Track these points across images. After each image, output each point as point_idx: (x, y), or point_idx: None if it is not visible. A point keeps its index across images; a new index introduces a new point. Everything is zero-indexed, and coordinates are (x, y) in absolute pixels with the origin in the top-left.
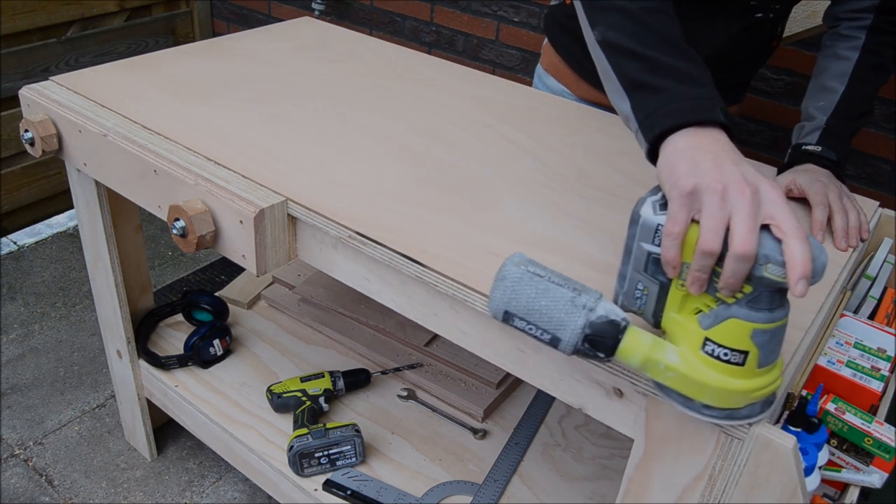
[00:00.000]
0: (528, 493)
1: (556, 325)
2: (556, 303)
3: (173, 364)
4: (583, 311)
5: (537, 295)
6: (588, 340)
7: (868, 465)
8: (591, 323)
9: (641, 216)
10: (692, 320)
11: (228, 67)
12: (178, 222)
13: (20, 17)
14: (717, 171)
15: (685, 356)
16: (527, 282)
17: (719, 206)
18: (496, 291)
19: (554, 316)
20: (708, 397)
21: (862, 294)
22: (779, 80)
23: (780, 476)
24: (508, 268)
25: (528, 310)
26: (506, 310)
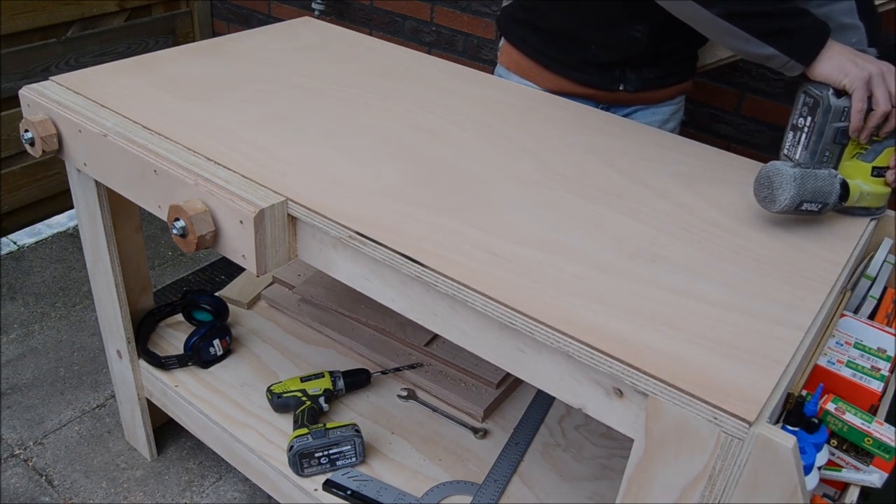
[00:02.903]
0: (528, 493)
1: (827, 196)
2: (826, 181)
3: (173, 364)
4: (837, 180)
5: (815, 181)
6: (839, 197)
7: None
8: (841, 184)
9: (833, 105)
10: (856, 161)
11: (228, 67)
12: (178, 222)
13: (20, 17)
14: (867, 63)
15: (868, 182)
16: (807, 175)
17: (881, 84)
18: (790, 190)
19: (826, 190)
20: (880, 202)
21: (862, 294)
22: (779, 80)
23: (780, 476)
24: (789, 171)
25: (815, 192)
26: (791, 203)
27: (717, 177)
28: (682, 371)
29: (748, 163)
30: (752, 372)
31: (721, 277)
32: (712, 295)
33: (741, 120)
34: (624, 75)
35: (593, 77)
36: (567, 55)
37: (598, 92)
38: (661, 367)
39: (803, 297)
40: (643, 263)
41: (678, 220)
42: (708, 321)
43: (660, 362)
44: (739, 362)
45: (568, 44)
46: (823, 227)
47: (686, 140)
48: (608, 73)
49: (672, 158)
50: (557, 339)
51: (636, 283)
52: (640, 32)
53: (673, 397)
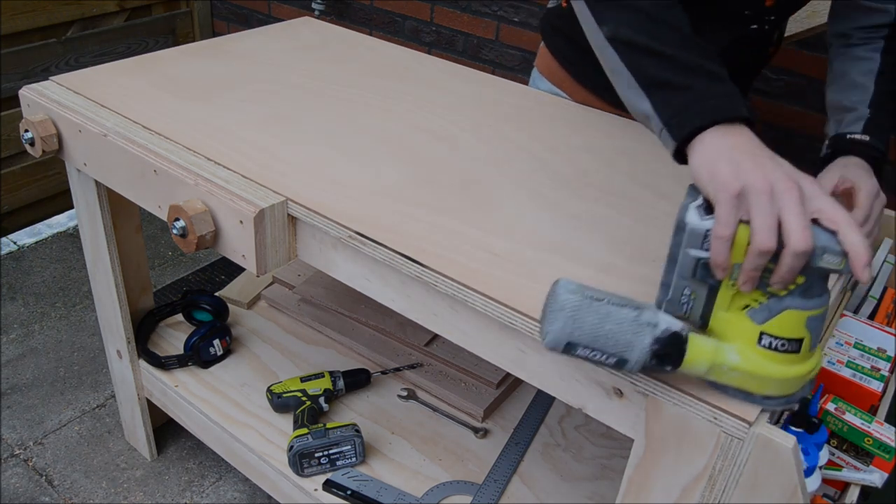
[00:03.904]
0: (528, 493)
1: (622, 348)
2: (620, 325)
3: (173, 364)
4: (648, 329)
5: (601, 320)
6: (655, 356)
7: (868, 466)
8: (657, 339)
9: (688, 224)
10: (742, 317)
11: (228, 67)
12: (178, 222)
13: (20, 17)
14: (759, 169)
15: (744, 353)
16: (587, 308)
17: (769, 205)
18: (555, 324)
19: (620, 339)
20: (770, 388)
21: (862, 294)
22: (779, 81)
23: (780, 476)
24: (565, 297)
25: (593, 337)
26: (569, 341)
27: None
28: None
29: None
30: None
31: None
32: None
33: None
34: None
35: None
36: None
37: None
38: None
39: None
40: (643, 263)
41: None
42: None
43: None
44: None
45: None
46: None
47: None
48: None
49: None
50: None
51: (636, 284)
52: None
53: (673, 397)
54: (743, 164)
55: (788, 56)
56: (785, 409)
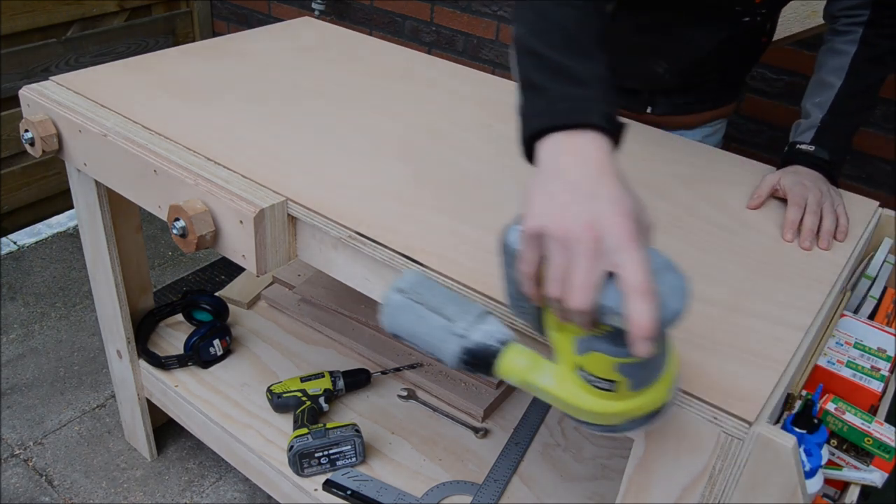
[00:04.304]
0: (528, 493)
1: (434, 350)
2: (431, 330)
3: (173, 364)
4: (455, 339)
5: (415, 323)
6: (465, 364)
7: (868, 465)
8: (465, 349)
9: (506, 245)
10: (570, 340)
11: (229, 67)
12: (178, 222)
13: (20, 17)
14: (566, 211)
15: (561, 378)
16: (405, 309)
17: (561, 255)
18: (382, 315)
19: (431, 342)
20: (584, 417)
21: (862, 294)
22: (779, 80)
23: (780, 476)
24: (391, 295)
25: (410, 334)
26: (392, 332)
27: (717, 177)
28: (682, 371)
29: (748, 163)
30: (752, 372)
31: (721, 277)
32: (712, 295)
33: (741, 120)
34: (653, 99)
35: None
36: None
37: (625, 112)
38: None
39: (803, 297)
40: None
41: (678, 220)
42: (708, 321)
43: None
44: (739, 362)
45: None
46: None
47: (686, 140)
48: (636, 96)
49: (672, 158)
50: None
51: None
52: (661, 68)
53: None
54: (555, 197)
55: (788, 56)
56: (606, 434)
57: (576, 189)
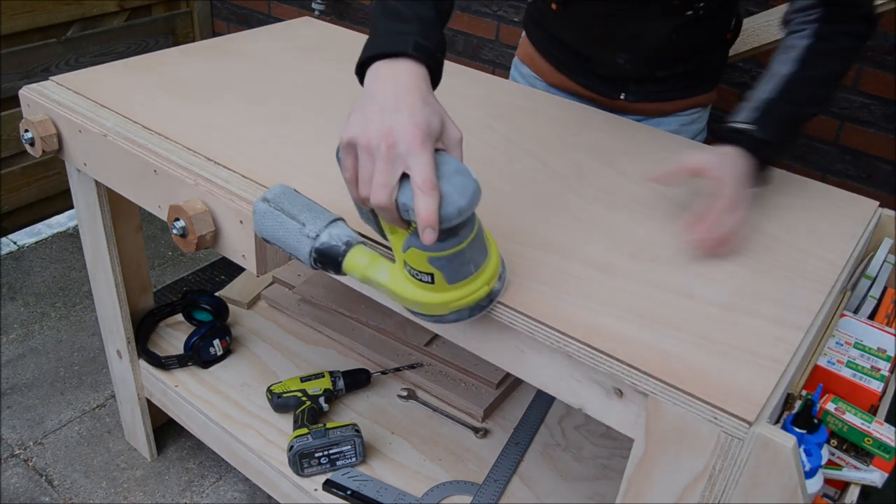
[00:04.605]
0: (528, 493)
1: (292, 251)
2: (288, 234)
3: (173, 364)
4: (307, 240)
5: (276, 227)
6: (316, 262)
7: (868, 465)
8: (315, 249)
9: (338, 157)
10: (399, 240)
11: (228, 67)
12: (178, 222)
13: (20, 17)
14: (370, 123)
15: (394, 274)
16: (268, 216)
17: (366, 159)
18: (253, 221)
19: (289, 243)
20: (412, 307)
21: (862, 294)
22: None
23: (780, 476)
24: (258, 203)
25: (272, 237)
26: (260, 236)
27: None
28: (682, 371)
29: None
30: (752, 372)
31: (721, 277)
32: (712, 295)
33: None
34: (625, 87)
35: (595, 84)
36: (570, 62)
37: (600, 97)
38: (660, 367)
39: (803, 297)
40: (643, 263)
41: (678, 220)
42: (708, 321)
43: (660, 362)
44: (739, 362)
45: (571, 54)
46: (823, 227)
47: (686, 140)
48: (609, 83)
49: (672, 158)
50: (557, 339)
51: (636, 284)
52: (623, 60)
53: (673, 397)
54: (367, 113)
55: None
56: (439, 326)
57: (382, 106)
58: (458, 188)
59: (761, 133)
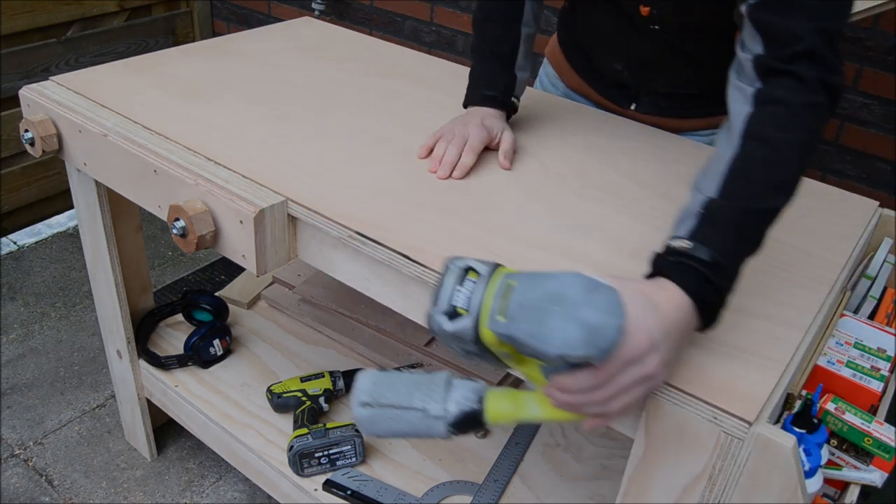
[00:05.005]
0: (528, 493)
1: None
2: (413, 426)
3: (173, 364)
4: (438, 422)
5: (394, 426)
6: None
7: (868, 465)
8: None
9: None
10: (536, 368)
11: (229, 67)
12: (178, 222)
13: (20, 17)
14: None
15: (543, 402)
16: (378, 420)
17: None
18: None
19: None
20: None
21: (862, 294)
22: None
23: (780, 476)
24: (358, 411)
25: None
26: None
27: None
28: (682, 371)
29: None
30: (752, 372)
31: None
32: None
33: None
34: (637, 97)
35: (609, 91)
36: (584, 65)
37: (612, 105)
38: None
39: (803, 297)
40: (643, 263)
41: None
42: None
43: None
44: (739, 362)
45: (584, 57)
46: (823, 227)
47: (686, 140)
48: (622, 90)
49: (672, 158)
50: None
51: None
52: (621, 66)
53: (673, 397)
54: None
55: None
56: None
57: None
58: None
59: (700, 251)
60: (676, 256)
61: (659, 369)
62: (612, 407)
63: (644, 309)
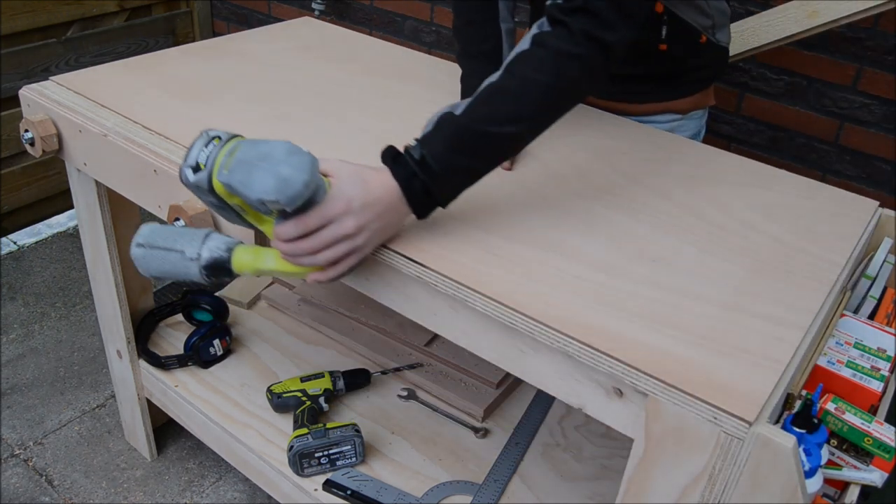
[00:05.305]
0: (528, 493)
1: (184, 276)
2: (174, 265)
3: (173, 364)
4: (193, 263)
5: (160, 264)
6: (209, 276)
7: (868, 465)
8: (203, 267)
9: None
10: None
11: (228, 67)
12: (178, 222)
13: (20, 17)
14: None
15: (278, 257)
16: (149, 258)
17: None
18: (138, 268)
19: (179, 272)
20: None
21: (862, 294)
22: (779, 80)
23: (780, 476)
24: (133, 250)
25: (161, 272)
26: (152, 276)
27: (716, 177)
28: (682, 371)
29: (748, 163)
30: (752, 372)
31: (721, 277)
32: (712, 295)
33: (741, 120)
34: None
35: None
36: None
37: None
38: (660, 367)
39: (803, 297)
40: (643, 263)
41: (678, 221)
42: (708, 321)
43: (660, 362)
44: (739, 362)
45: None
46: (823, 227)
47: (686, 140)
48: None
49: (672, 158)
50: (557, 339)
51: (636, 284)
52: None
53: (673, 397)
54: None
55: (788, 56)
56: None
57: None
58: (296, 167)
59: (416, 150)
60: (399, 150)
61: (356, 231)
62: (321, 258)
63: (351, 182)
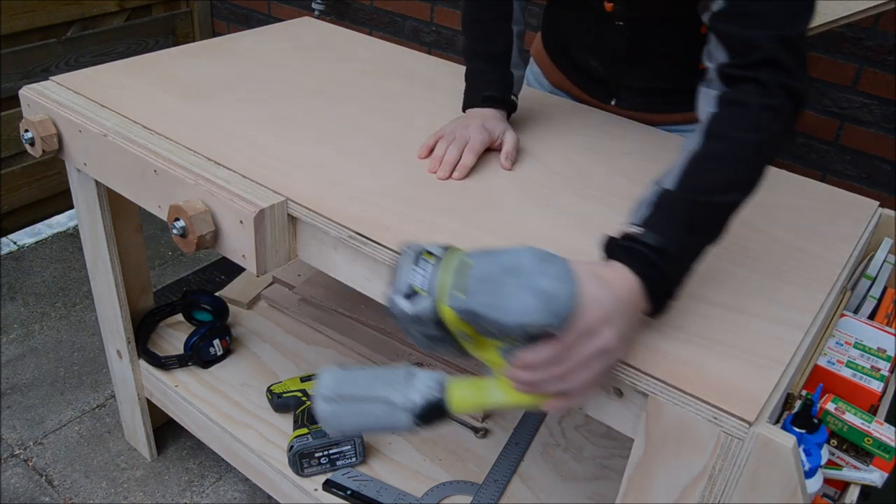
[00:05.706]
0: (528, 493)
1: (390, 429)
2: (377, 418)
3: (173, 364)
4: (403, 413)
5: (359, 420)
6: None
7: (868, 465)
8: (416, 416)
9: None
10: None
11: (228, 67)
12: (178, 222)
13: (20, 17)
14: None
15: (506, 387)
16: (341, 415)
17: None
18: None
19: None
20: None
21: (862, 294)
22: None
23: (780, 476)
24: (321, 407)
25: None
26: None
27: None
28: (682, 371)
29: None
30: (752, 372)
31: (721, 277)
32: (712, 295)
33: None
34: (617, 92)
35: (589, 86)
36: (564, 61)
37: (592, 100)
38: (660, 367)
39: (803, 297)
40: None
41: None
42: (708, 321)
43: (660, 362)
44: (739, 362)
45: (563, 53)
46: (823, 227)
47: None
48: (601, 86)
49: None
50: None
51: None
52: (595, 63)
53: (673, 397)
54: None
55: None
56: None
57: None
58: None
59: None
60: (627, 241)
61: (615, 342)
62: (573, 383)
63: (596, 284)
